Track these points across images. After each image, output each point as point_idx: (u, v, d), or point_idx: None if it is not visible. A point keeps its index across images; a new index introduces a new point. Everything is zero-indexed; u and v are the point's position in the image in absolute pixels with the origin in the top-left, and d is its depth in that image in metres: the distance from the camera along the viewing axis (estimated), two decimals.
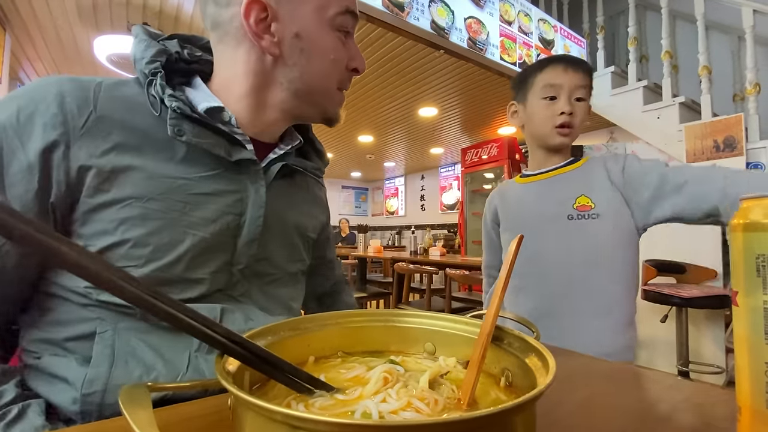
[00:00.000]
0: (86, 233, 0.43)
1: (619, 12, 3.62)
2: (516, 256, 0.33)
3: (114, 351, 0.42)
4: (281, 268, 0.57)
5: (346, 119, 4.06)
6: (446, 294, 2.43)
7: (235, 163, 0.50)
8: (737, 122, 2.39)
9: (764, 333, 0.25)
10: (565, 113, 0.89)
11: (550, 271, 0.90)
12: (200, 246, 0.47)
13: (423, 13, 2.39)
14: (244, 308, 0.50)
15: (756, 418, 0.25)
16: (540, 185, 0.96)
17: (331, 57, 0.52)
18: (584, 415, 0.35)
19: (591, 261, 0.86)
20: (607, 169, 0.89)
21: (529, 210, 0.96)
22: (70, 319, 0.43)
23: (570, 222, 0.88)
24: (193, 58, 0.55)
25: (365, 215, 8.40)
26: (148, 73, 0.47)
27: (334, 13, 0.51)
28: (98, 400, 0.40)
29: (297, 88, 0.52)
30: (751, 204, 0.27)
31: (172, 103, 0.45)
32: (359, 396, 0.26)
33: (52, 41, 2.78)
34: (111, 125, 0.44)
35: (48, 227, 0.19)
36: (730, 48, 3.10)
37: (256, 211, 0.51)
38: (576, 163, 0.94)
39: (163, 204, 0.45)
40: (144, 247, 0.43)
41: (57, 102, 0.42)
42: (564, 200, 0.90)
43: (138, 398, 0.21)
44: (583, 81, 0.90)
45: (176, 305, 0.23)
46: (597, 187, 0.88)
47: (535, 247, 0.90)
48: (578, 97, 0.90)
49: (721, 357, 2.43)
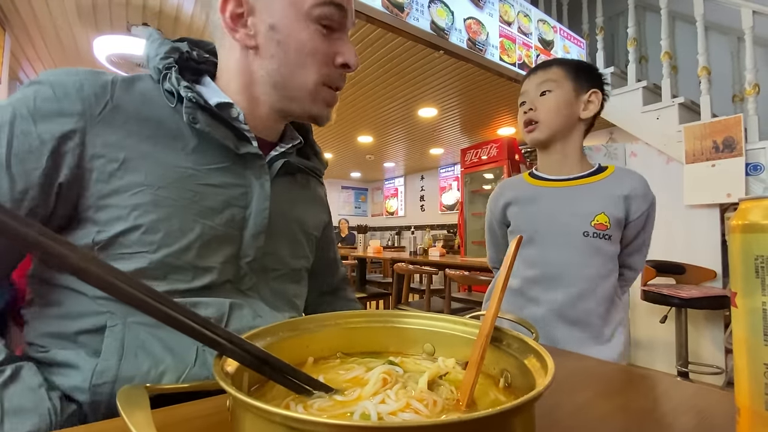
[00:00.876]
0: (101, 219, 0.44)
1: (618, 13, 3.62)
2: (515, 257, 0.33)
3: (124, 344, 0.42)
4: (286, 264, 0.58)
5: (346, 119, 4.06)
6: (446, 294, 2.43)
7: (241, 157, 0.51)
8: (736, 123, 2.39)
9: (763, 334, 0.25)
10: (527, 112, 0.93)
11: (558, 283, 0.89)
12: (209, 234, 0.48)
13: (422, 13, 2.40)
14: (252, 303, 0.51)
15: (755, 419, 0.25)
16: (559, 193, 0.93)
17: (307, 50, 0.51)
18: (583, 417, 0.35)
19: (597, 276, 0.88)
20: (631, 199, 0.88)
21: (545, 218, 0.93)
22: (81, 312, 0.43)
23: (585, 239, 0.87)
24: (201, 59, 0.57)
25: (365, 216, 8.40)
26: (162, 68, 0.49)
27: (311, 3, 0.50)
28: (108, 390, 0.40)
29: (275, 81, 0.53)
30: (749, 205, 0.27)
31: (187, 94, 0.47)
32: (358, 397, 0.26)
33: (52, 41, 2.78)
34: (126, 115, 0.46)
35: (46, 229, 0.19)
36: (730, 49, 3.10)
37: (260, 204, 0.52)
38: (599, 175, 0.92)
39: (173, 192, 0.46)
40: (156, 233, 0.44)
41: (76, 89, 0.44)
42: (583, 215, 0.88)
43: (136, 399, 0.21)
44: (543, 77, 0.92)
45: (177, 307, 0.23)
46: (613, 206, 0.87)
47: (545, 257, 0.91)
48: (543, 90, 0.91)
49: (720, 358, 2.43)
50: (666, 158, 2.79)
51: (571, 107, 0.91)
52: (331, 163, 6.30)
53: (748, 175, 2.35)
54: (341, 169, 6.99)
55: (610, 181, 0.90)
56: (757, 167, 2.34)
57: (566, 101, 0.90)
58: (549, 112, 0.91)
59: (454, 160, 6.10)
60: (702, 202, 2.53)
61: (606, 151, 3.25)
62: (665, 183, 2.68)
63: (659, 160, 2.84)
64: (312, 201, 0.66)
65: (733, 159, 2.39)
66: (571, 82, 0.91)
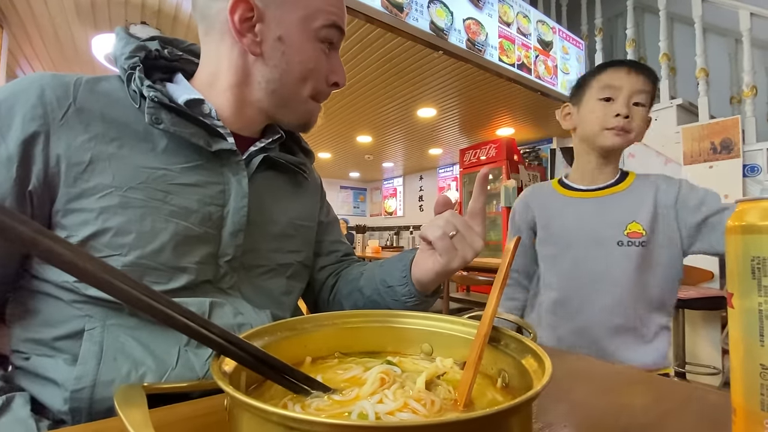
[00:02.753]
0: (68, 224, 0.43)
1: (617, 14, 3.63)
2: (513, 257, 0.33)
3: (102, 348, 0.42)
4: (271, 260, 0.57)
5: (345, 119, 4.06)
6: (444, 295, 2.43)
7: (216, 155, 0.51)
8: (734, 124, 2.40)
9: (759, 335, 0.25)
10: (621, 115, 0.86)
11: (592, 294, 0.89)
12: (183, 234, 0.47)
13: (422, 13, 2.40)
14: (234, 301, 0.51)
15: (750, 419, 0.25)
16: (589, 204, 0.94)
17: (311, 66, 0.54)
18: (580, 416, 0.35)
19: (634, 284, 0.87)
20: (659, 189, 0.88)
21: (577, 230, 0.93)
22: (59, 319, 0.43)
23: (619, 248, 0.87)
24: (173, 57, 0.56)
25: (363, 215, 8.39)
26: (128, 68, 0.48)
27: (320, 25, 0.53)
28: (87, 396, 0.40)
29: (274, 89, 0.54)
30: (746, 206, 0.27)
31: (150, 93, 0.46)
32: (356, 397, 0.26)
33: (50, 40, 2.77)
34: (91, 117, 0.45)
35: (42, 227, 0.19)
36: (728, 51, 3.12)
37: (238, 202, 0.52)
38: (624, 182, 0.92)
39: (143, 193, 0.45)
40: (126, 235, 0.44)
41: (37, 94, 0.44)
42: (615, 225, 0.89)
43: (133, 398, 0.21)
44: (645, 86, 0.87)
45: (173, 306, 0.23)
46: (646, 211, 0.87)
47: (581, 269, 0.91)
48: (637, 101, 0.87)
49: (717, 358, 2.44)
50: (664, 159, 2.80)
51: None
52: (330, 163, 6.30)
53: (746, 176, 2.36)
54: (340, 169, 6.99)
55: (635, 187, 0.91)
56: (754, 168, 2.35)
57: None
58: (641, 126, 0.89)
59: (452, 161, 6.10)
60: None
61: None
62: None
63: (658, 160, 2.85)
64: (301, 192, 0.65)
65: (731, 160, 2.40)
66: (651, 100, 0.91)
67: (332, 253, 0.72)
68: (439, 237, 0.46)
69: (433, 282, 0.52)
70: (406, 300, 0.54)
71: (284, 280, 0.59)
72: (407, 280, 0.53)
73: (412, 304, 0.54)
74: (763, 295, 0.25)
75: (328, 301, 0.69)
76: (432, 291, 0.55)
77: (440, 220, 0.48)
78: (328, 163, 6.28)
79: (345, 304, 0.64)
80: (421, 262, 0.52)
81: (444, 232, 0.46)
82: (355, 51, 2.61)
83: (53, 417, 0.42)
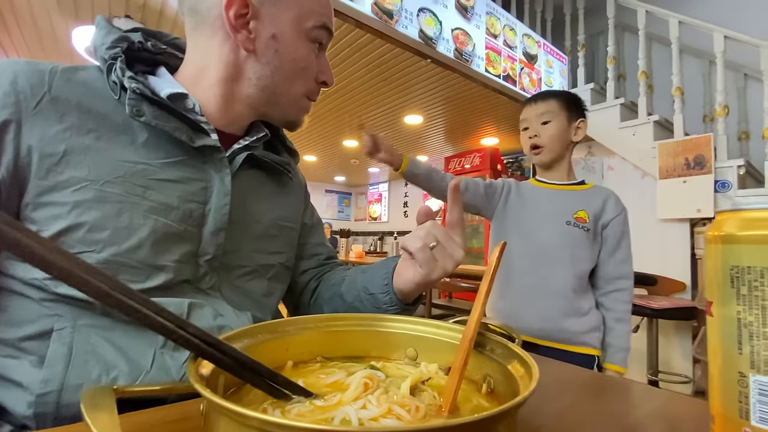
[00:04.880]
0: (39, 218, 0.41)
1: (599, 32, 3.75)
2: (498, 264, 0.33)
3: (72, 350, 0.39)
4: (252, 261, 0.56)
5: (331, 122, 4.05)
6: (426, 301, 2.44)
7: (199, 151, 0.50)
8: (707, 142, 2.50)
9: (737, 343, 0.25)
10: (532, 138, 1.17)
11: (540, 258, 1.13)
12: (162, 232, 0.45)
13: (411, 21, 2.42)
14: (213, 303, 0.49)
15: (729, 426, 0.26)
16: (552, 192, 1.19)
17: (302, 65, 0.55)
18: (564, 423, 0.36)
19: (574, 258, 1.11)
20: (609, 198, 1.14)
21: (539, 207, 1.18)
22: (26, 318, 0.41)
23: (567, 226, 1.12)
24: (157, 50, 0.55)
25: (348, 220, 8.36)
26: (108, 58, 0.47)
27: (312, 25, 0.54)
28: (53, 400, 0.38)
29: (265, 86, 0.54)
30: (725, 216, 0.28)
31: (131, 84, 0.44)
32: (338, 402, 0.26)
33: (29, 30, 2.67)
34: (66, 107, 0.44)
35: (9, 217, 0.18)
36: (702, 71, 3.25)
37: (221, 200, 0.50)
38: (584, 186, 1.19)
39: (121, 187, 0.43)
40: (101, 231, 0.42)
41: (9, 81, 0.42)
42: (567, 209, 1.13)
43: (101, 402, 0.20)
44: (546, 107, 1.15)
45: (149, 304, 0.22)
46: (592, 210, 1.13)
47: (535, 238, 1.15)
48: (544, 121, 1.15)
49: (688, 367, 2.51)
50: (641, 173, 2.90)
51: (566, 134, 1.16)
52: (316, 167, 6.26)
53: (717, 191, 2.45)
54: (325, 173, 6.95)
55: (591, 191, 1.18)
56: (724, 184, 2.45)
57: (562, 129, 1.15)
58: (551, 139, 1.15)
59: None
60: (674, 216, 2.62)
61: (584, 164, 3.34)
62: (640, 197, 2.77)
63: (635, 174, 2.94)
64: (285, 193, 0.64)
65: (703, 176, 2.49)
66: (565, 112, 1.15)
67: (315, 257, 0.71)
68: (419, 248, 0.46)
69: (413, 292, 0.52)
70: (387, 308, 0.53)
71: (265, 282, 0.58)
72: (389, 288, 0.52)
73: (393, 312, 0.53)
74: (741, 304, 0.25)
75: (308, 304, 0.68)
76: (413, 300, 0.55)
77: (421, 231, 0.47)
78: (314, 166, 6.25)
79: (325, 308, 0.63)
80: (403, 272, 0.51)
81: (424, 244, 0.46)
82: (344, 55, 2.62)
83: (16, 422, 0.39)
